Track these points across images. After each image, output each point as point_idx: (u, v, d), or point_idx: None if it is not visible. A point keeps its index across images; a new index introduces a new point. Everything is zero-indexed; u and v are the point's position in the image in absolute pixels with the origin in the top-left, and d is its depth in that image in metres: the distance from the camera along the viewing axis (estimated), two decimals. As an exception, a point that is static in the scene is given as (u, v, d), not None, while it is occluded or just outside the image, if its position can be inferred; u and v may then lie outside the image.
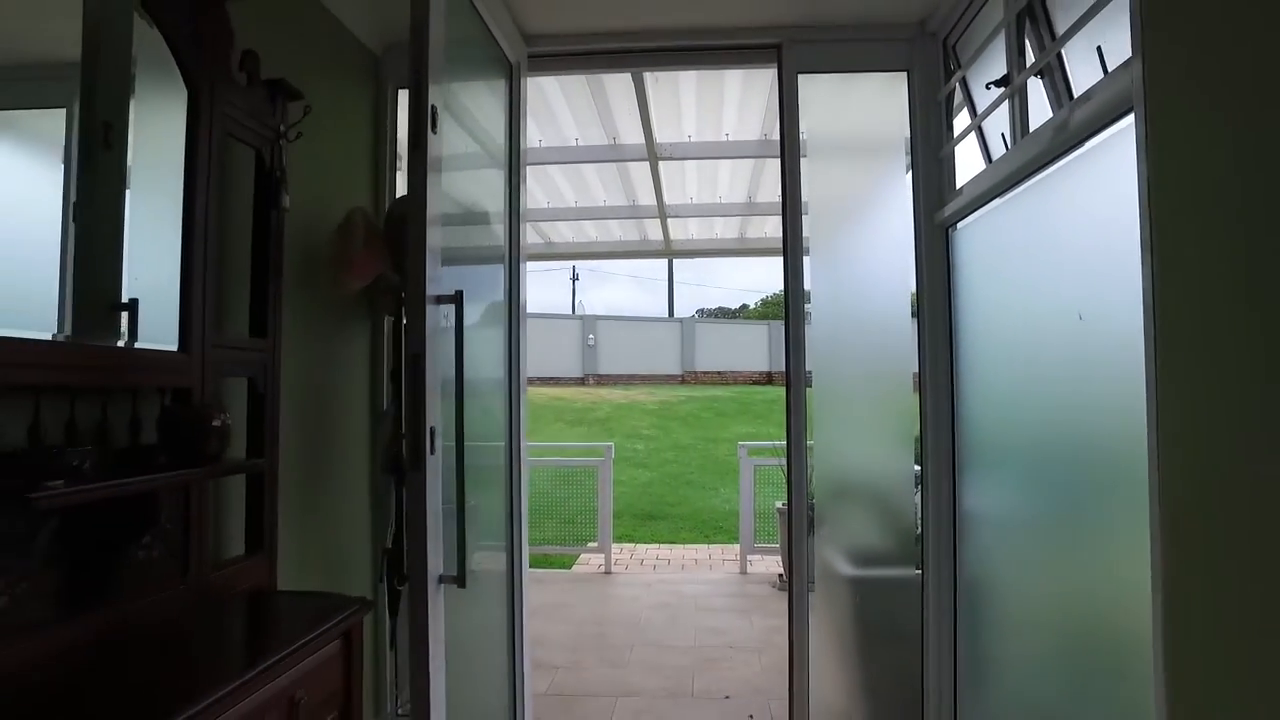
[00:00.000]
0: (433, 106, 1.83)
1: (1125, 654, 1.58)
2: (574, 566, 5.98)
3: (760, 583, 5.35)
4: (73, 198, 1.40)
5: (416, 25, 1.84)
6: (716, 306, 35.33)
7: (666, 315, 26.91)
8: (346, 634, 1.63)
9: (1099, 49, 1.70)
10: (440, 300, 1.83)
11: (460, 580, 1.81)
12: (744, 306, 34.19)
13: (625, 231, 5.79)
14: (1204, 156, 1.23)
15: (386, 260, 2.34)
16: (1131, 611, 1.44)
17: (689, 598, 5.05)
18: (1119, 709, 1.61)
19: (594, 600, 5.03)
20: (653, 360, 21.27)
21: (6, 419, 1.28)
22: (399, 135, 2.89)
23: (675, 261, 26.45)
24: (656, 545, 7.06)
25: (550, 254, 6.47)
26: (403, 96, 2.90)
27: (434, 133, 1.83)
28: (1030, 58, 2.13)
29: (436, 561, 1.74)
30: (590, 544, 6.01)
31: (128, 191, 1.55)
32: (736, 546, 6.14)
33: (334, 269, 2.27)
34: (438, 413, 1.79)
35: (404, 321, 2.07)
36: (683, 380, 21.21)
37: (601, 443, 8.04)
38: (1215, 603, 1.19)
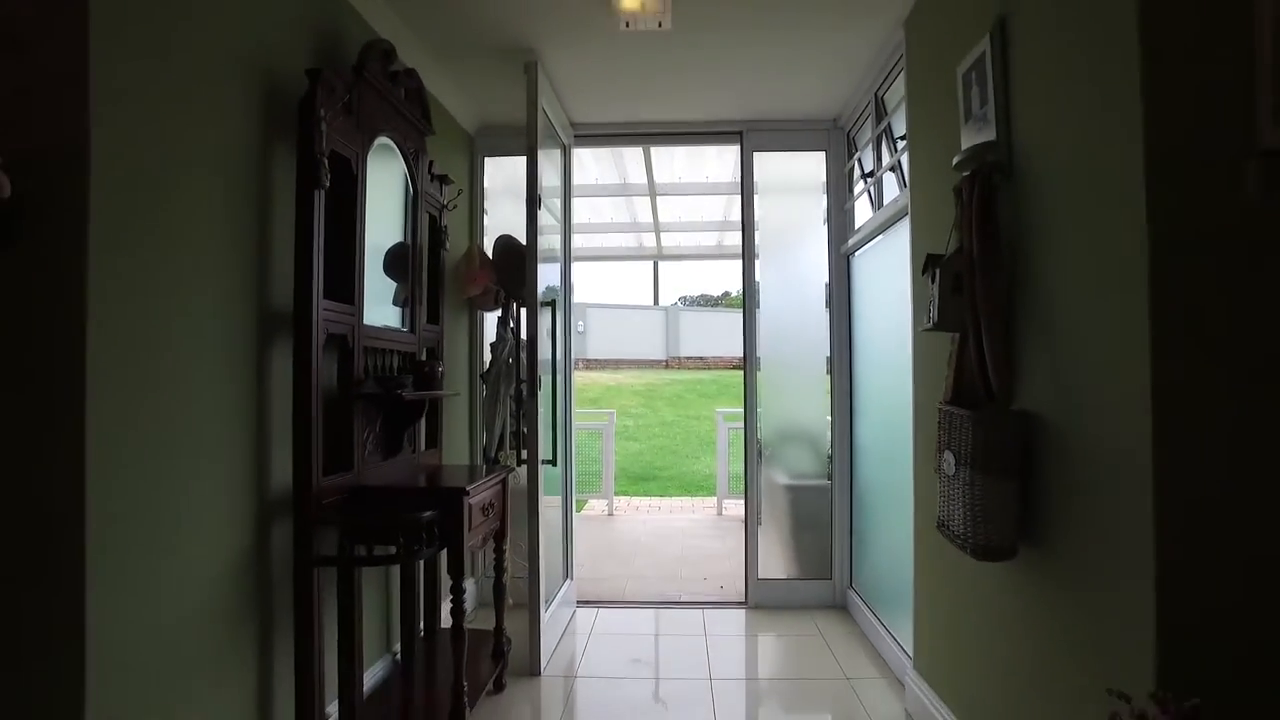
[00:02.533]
0: (539, 193, 3.22)
1: (905, 507, 3.00)
2: (582, 510, 7.39)
3: (733, 520, 6.75)
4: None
5: (530, 130, 3.22)
6: (699, 294, 36.47)
7: (652, 304, 28.23)
8: (504, 481, 3.02)
9: (898, 164, 3.11)
10: (542, 303, 3.23)
11: (553, 462, 3.22)
12: (725, 294, 35.43)
13: (626, 241, 7.22)
14: (921, 239, 2.65)
15: (492, 276, 3.72)
16: (906, 491, 2.87)
17: (676, 529, 6.49)
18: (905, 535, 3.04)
19: (602, 531, 6.43)
20: (639, 346, 22.66)
21: (378, 361, 2.67)
22: (484, 188, 4.29)
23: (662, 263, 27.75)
24: (648, 498, 8.50)
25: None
26: (488, 162, 4.30)
27: (541, 208, 3.22)
28: (886, 156, 3.54)
29: (545, 449, 3.15)
30: (596, 492, 7.41)
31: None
32: (715, 498, 7.59)
33: (461, 283, 3.65)
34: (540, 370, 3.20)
35: (500, 313, 3.50)
36: (666, 365, 22.65)
37: (604, 410, 9.42)
38: (926, 490, 2.62)
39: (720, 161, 5.27)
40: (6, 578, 1.54)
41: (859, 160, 3.99)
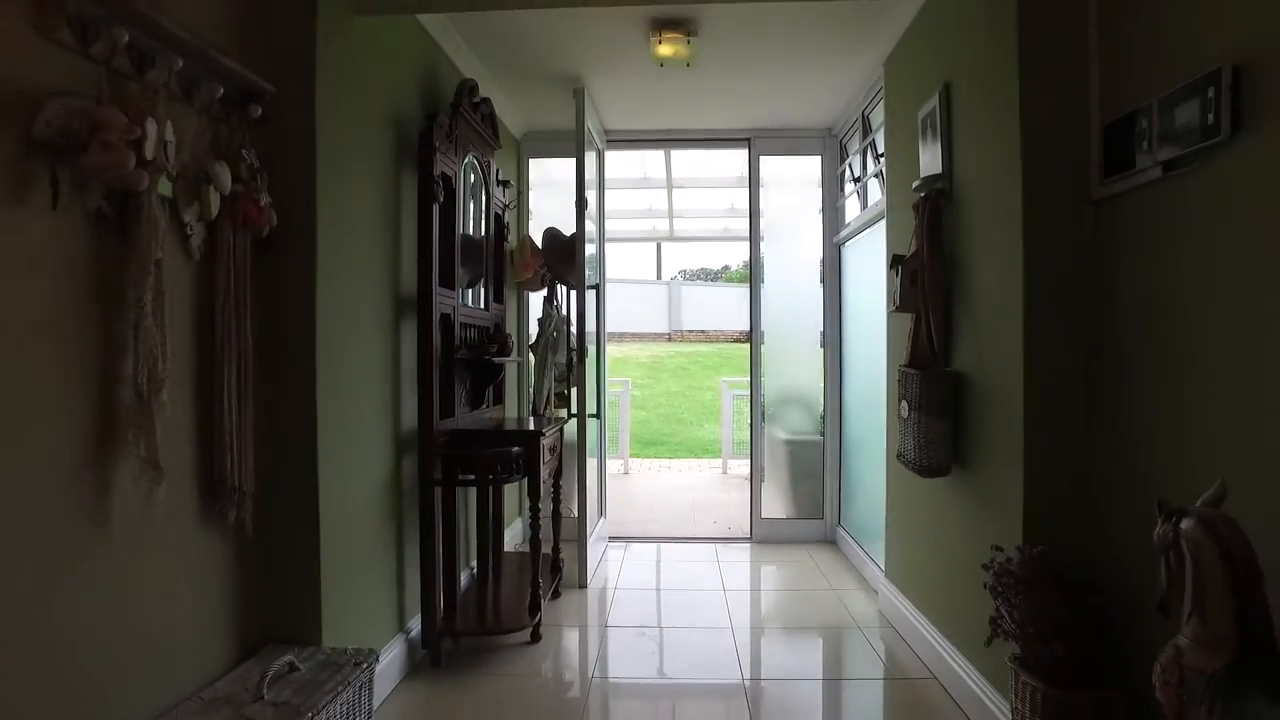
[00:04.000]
0: (584, 199, 3.95)
1: (882, 454, 3.75)
2: (600, 469, 8.18)
3: (737, 478, 7.54)
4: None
5: (578, 145, 3.95)
6: (699, 268, 36.88)
7: (655, 278, 28.84)
8: (562, 430, 3.79)
9: (880, 173, 3.83)
10: (590, 287, 3.97)
11: (597, 415, 3.99)
12: (725, 268, 35.87)
13: (640, 225, 7.96)
14: (896, 236, 3.38)
15: (540, 263, 4.45)
16: (883, 441, 3.64)
17: (686, 484, 7.29)
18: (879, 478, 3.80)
19: (621, 486, 7.21)
20: (643, 319, 23.35)
21: (466, 333, 3.42)
22: (530, 186, 5.02)
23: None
24: (658, 459, 9.30)
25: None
26: (533, 164, 5.02)
27: (587, 206, 3.95)
28: (871, 165, 4.26)
29: (590, 404, 3.91)
30: (613, 454, 8.19)
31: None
32: (720, 459, 8.38)
33: (515, 268, 4.39)
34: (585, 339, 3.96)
35: (545, 293, 4.26)
36: (669, 338, 23.37)
37: (619, 379, 10.18)
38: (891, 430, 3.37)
39: (729, 158, 5.97)
40: (285, 475, 2.31)
41: (849, 165, 4.70)
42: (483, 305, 3.76)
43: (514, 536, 4.73)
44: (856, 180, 4.48)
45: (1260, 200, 1.60)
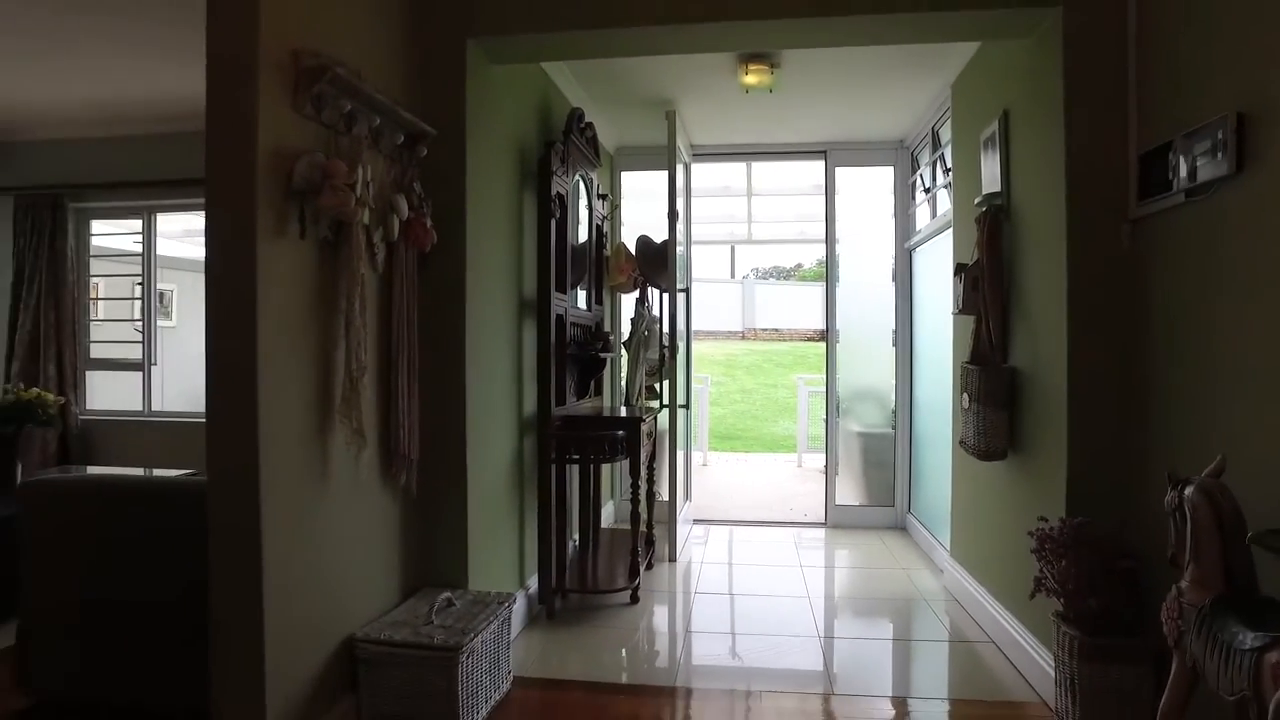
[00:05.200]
0: (675, 211, 4.39)
1: (949, 445, 4.08)
2: (679, 461, 8.63)
3: (812, 471, 7.88)
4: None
5: (670, 163, 4.39)
6: (772, 266, 36.78)
7: (729, 277, 29.10)
8: (655, 419, 4.25)
9: (949, 185, 4.15)
10: (680, 290, 4.42)
11: (687, 406, 4.43)
12: (798, 266, 35.73)
13: (718, 231, 8.40)
14: (961, 245, 3.72)
15: (634, 268, 4.92)
16: (949, 433, 3.98)
17: (763, 476, 7.68)
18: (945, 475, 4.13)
19: (701, 477, 7.61)
20: (717, 318, 23.68)
21: (573, 331, 3.91)
22: (622, 196, 5.50)
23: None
24: (734, 453, 9.70)
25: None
26: (625, 176, 5.51)
27: (678, 219, 4.40)
28: (940, 177, 4.58)
29: (680, 396, 4.36)
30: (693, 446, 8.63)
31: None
32: (795, 453, 8.74)
33: (611, 273, 4.87)
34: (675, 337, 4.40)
35: (637, 294, 4.72)
36: (743, 336, 23.67)
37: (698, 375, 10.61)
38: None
39: (805, 167, 6.32)
40: (441, 448, 2.83)
41: (920, 175, 5.02)
42: (586, 307, 4.25)
43: (606, 517, 5.22)
44: (927, 191, 4.80)
45: (1257, 227, 1.93)
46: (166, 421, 5.94)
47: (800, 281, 29.09)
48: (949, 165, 4.18)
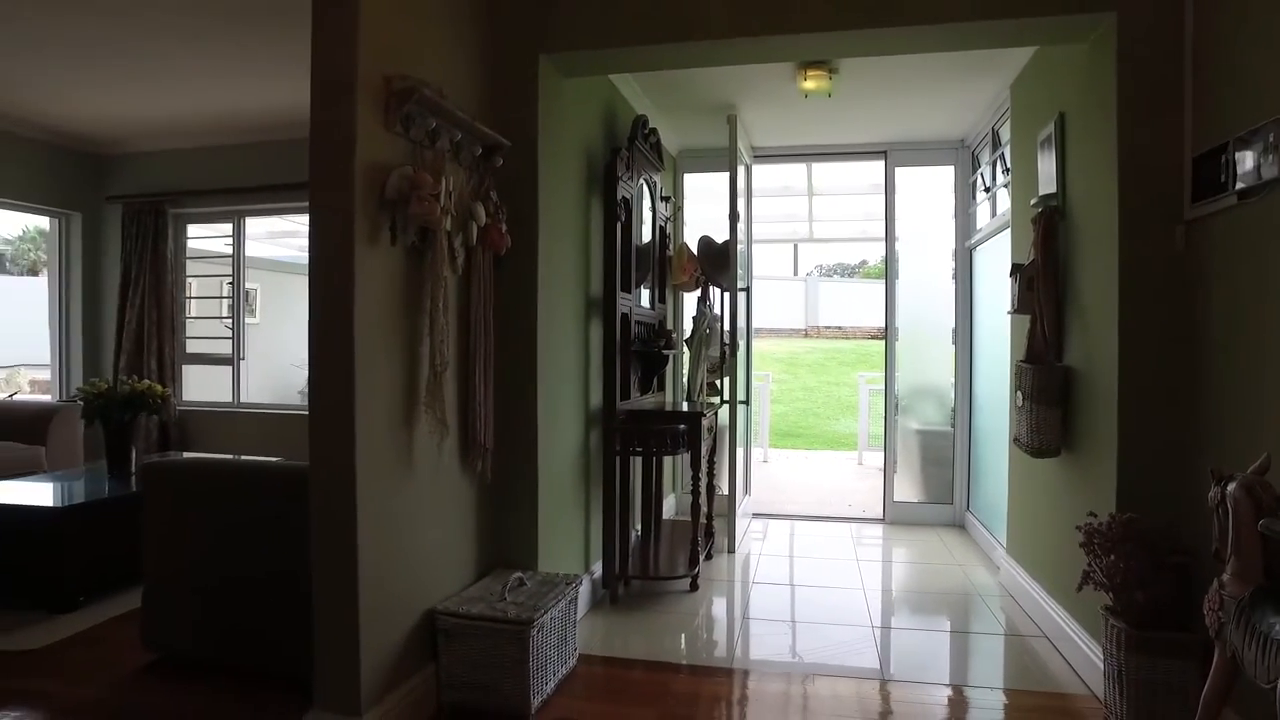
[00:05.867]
0: (736, 213, 4.53)
1: (1006, 442, 4.12)
2: (739, 457, 8.75)
3: (872, 469, 7.89)
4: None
5: (731, 165, 4.53)
6: (836, 263, 36.31)
7: (792, 275, 28.95)
8: (715, 414, 4.39)
9: (1008, 185, 4.18)
10: (741, 289, 4.55)
11: (747, 402, 4.56)
12: (863, 263, 35.20)
13: (779, 231, 8.48)
14: (1019, 245, 3.77)
15: (696, 267, 5.06)
16: (1006, 430, 4.02)
17: (823, 472, 7.74)
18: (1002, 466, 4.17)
19: (761, 472, 7.73)
20: (779, 315, 23.61)
21: (644, 331, 4.09)
22: (684, 197, 5.65)
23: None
24: (795, 450, 9.76)
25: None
26: (688, 178, 5.66)
27: (739, 220, 4.53)
28: (1000, 177, 4.60)
29: (740, 392, 4.50)
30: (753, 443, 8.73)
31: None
32: (856, 451, 8.76)
33: (674, 272, 5.03)
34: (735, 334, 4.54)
35: (699, 293, 4.86)
36: (806, 334, 23.53)
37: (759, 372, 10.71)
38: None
39: (865, 167, 6.36)
40: (513, 438, 3.03)
41: (981, 174, 5.04)
42: (650, 305, 4.41)
43: (668, 510, 5.38)
44: (987, 190, 4.82)
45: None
46: (252, 412, 6.33)
47: (865, 279, 28.75)
48: (1008, 165, 4.22)
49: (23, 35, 4.17)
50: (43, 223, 6.73)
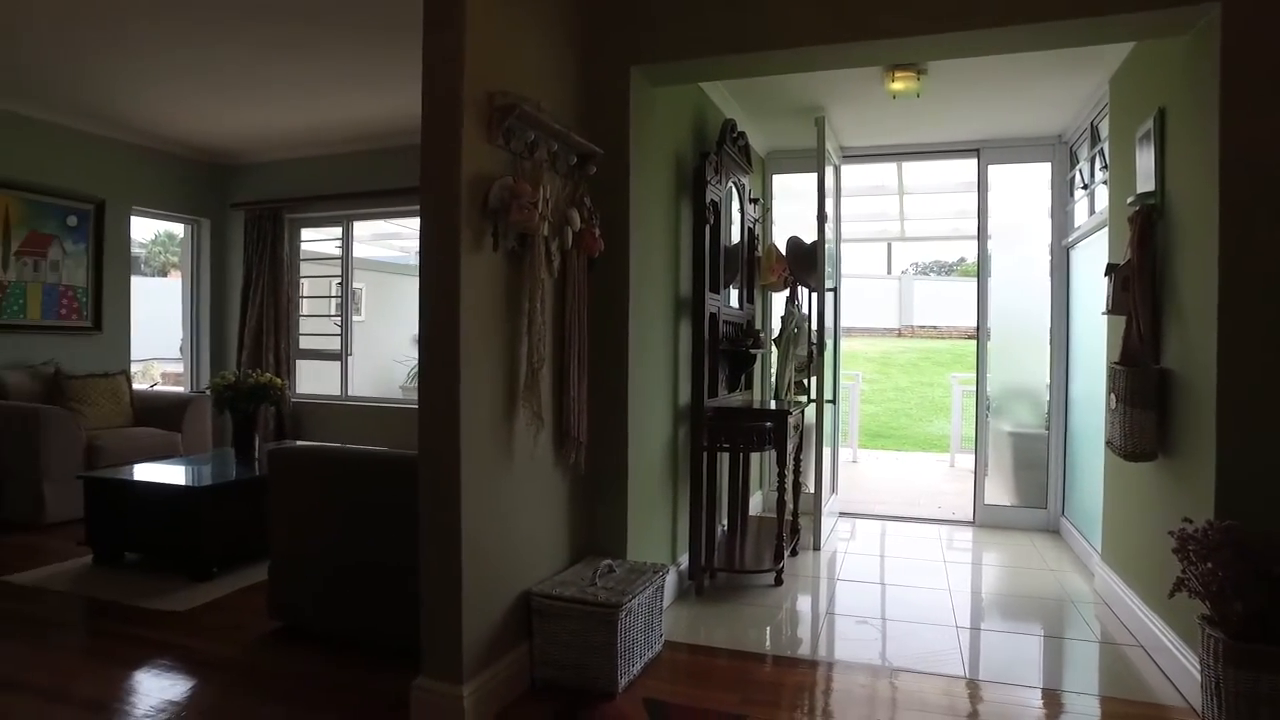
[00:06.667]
0: (824, 214, 4.56)
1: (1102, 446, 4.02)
2: (827, 457, 8.71)
3: (964, 471, 7.73)
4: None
5: (819, 166, 4.57)
6: (932, 260, 35.24)
7: (885, 273, 28.34)
8: (803, 412, 4.45)
9: (1106, 182, 4.07)
10: (829, 290, 4.59)
11: (834, 401, 4.60)
12: (961, 260, 34.04)
13: (872, 227, 8.40)
14: (1116, 244, 3.68)
15: (785, 268, 5.12)
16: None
17: (913, 474, 7.65)
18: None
19: (849, 472, 7.68)
20: (872, 314, 23.17)
21: (732, 330, 4.19)
22: (772, 197, 5.71)
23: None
24: (885, 451, 9.63)
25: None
26: (776, 178, 5.71)
27: (827, 220, 4.56)
28: (1099, 173, 4.48)
29: (828, 392, 4.53)
30: (842, 442, 8.67)
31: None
32: (948, 454, 8.59)
33: (762, 273, 5.09)
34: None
35: (787, 293, 4.91)
36: (899, 333, 23.03)
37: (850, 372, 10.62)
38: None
39: (958, 165, 6.26)
40: (605, 431, 3.19)
41: (1079, 171, 4.91)
42: (738, 305, 4.50)
43: (753, 506, 5.45)
44: (1085, 187, 4.70)
45: None
46: (358, 405, 6.72)
47: (962, 277, 27.86)
48: (1107, 162, 4.11)
49: (170, 65, 4.60)
50: (174, 228, 7.33)
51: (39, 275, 5.65)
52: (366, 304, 10.55)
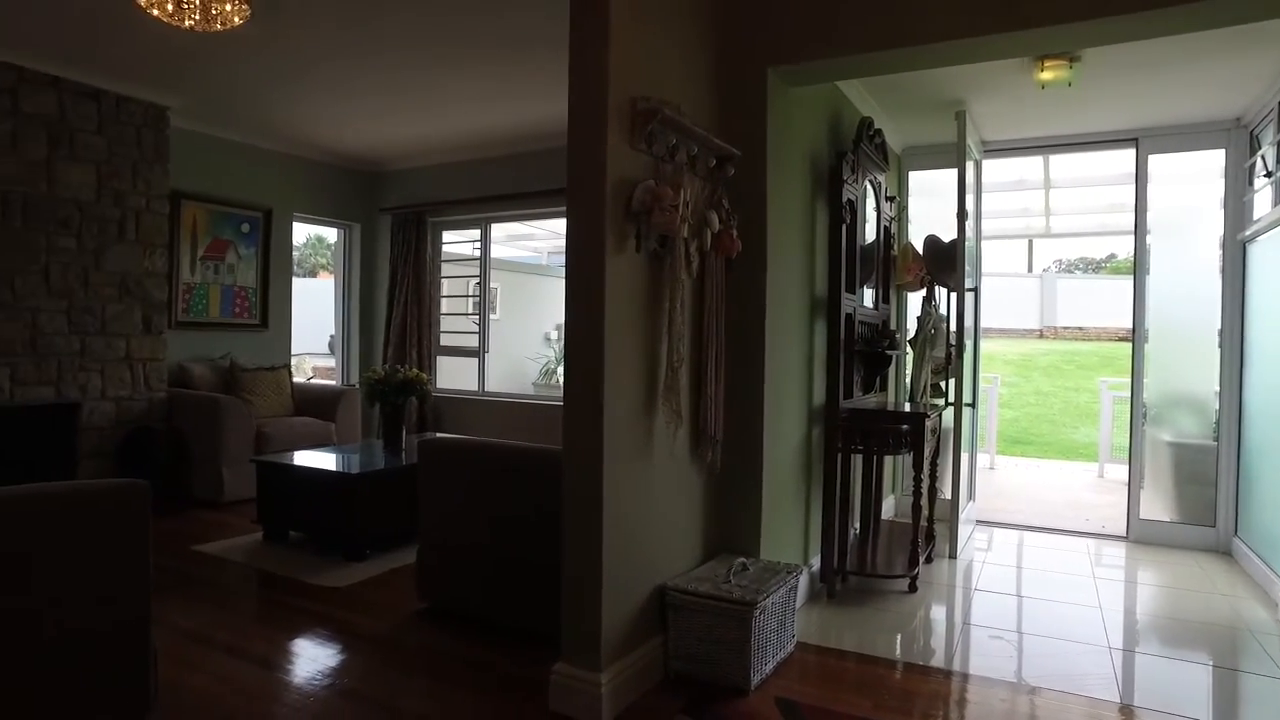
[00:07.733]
0: (964, 212, 4.40)
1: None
2: (962, 463, 8.37)
3: (1114, 482, 7.25)
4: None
5: (959, 162, 4.41)
6: (1078, 257, 33.16)
7: (1026, 271, 26.91)
8: (940, 416, 4.31)
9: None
10: (969, 290, 4.42)
11: (973, 404, 4.43)
12: (1111, 256, 31.86)
13: (1014, 223, 8.01)
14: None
15: (922, 268, 4.97)
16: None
17: (1057, 483, 7.25)
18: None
19: (988, 479, 7.33)
20: (1010, 314, 22.02)
21: (868, 331, 4.13)
22: (909, 194, 5.55)
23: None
24: (1025, 458, 9.16)
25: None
26: (912, 175, 5.55)
27: (968, 218, 4.40)
28: (1283, 163, 4.10)
29: (966, 395, 4.38)
30: (980, 448, 8.32)
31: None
32: (1095, 463, 8.08)
33: (898, 272, 4.97)
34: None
35: (924, 293, 4.75)
36: (1041, 335, 21.79)
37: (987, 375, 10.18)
38: None
39: (1111, 155, 5.88)
40: (740, 430, 3.21)
41: (1261, 157, 4.51)
42: (873, 305, 4.41)
43: (886, 510, 5.32)
44: (1269, 174, 4.31)
45: None
46: (494, 400, 7.00)
47: (1112, 274, 26.07)
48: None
49: (327, 80, 4.98)
50: (325, 232, 7.88)
51: (219, 278, 6.23)
52: (501, 303, 10.97)
